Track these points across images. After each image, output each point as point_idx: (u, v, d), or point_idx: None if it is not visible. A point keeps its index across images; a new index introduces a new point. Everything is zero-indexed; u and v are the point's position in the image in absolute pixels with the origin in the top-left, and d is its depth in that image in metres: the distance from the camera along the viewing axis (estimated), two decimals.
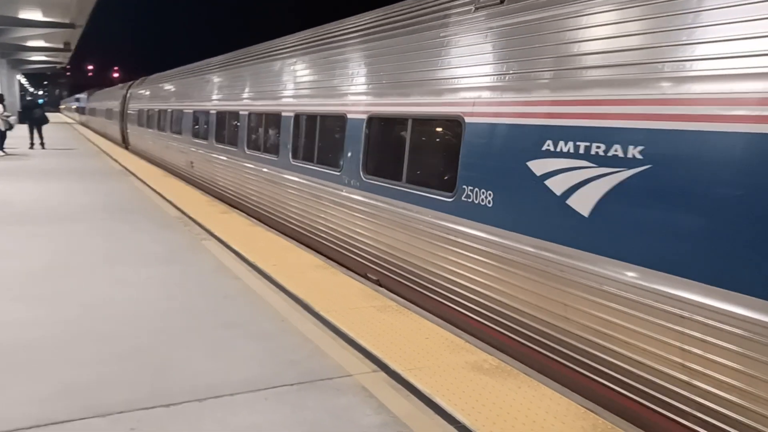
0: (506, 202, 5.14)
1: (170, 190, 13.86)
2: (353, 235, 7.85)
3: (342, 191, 7.99)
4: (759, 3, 3.44)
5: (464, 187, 5.62)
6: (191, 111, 16.80)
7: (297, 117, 9.67)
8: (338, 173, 8.13)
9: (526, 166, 4.85)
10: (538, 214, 4.75)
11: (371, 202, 7.27)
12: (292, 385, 4.14)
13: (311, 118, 9.29)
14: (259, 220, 10.83)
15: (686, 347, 3.69)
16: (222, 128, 13.92)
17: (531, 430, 3.66)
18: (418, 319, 5.64)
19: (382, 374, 4.40)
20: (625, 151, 4.04)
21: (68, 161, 20.58)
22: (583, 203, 4.34)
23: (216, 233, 9.06)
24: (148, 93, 24.62)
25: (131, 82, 30.65)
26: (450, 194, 5.84)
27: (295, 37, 10.87)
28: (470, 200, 5.52)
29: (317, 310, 5.69)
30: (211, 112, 14.69)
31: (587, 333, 4.40)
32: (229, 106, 13.36)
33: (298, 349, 4.80)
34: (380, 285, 6.93)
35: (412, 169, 6.76)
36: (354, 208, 7.67)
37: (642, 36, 4.09)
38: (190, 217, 10.45)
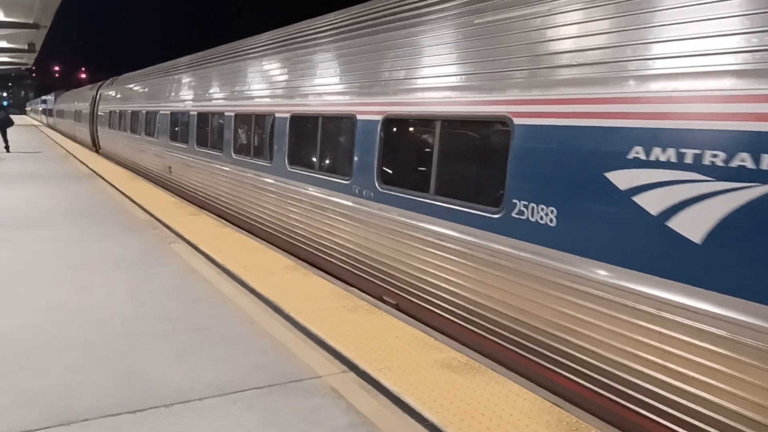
0: (576, 221, 4.26)
1: (138, 193, 13.66)
2: (367, 253, 6.86)
3: (352, 203, 7.07)
4: None
5: (515, 201, 4.78)
6: (168, 112, 15.62)
7: (294, 118, 8.68)
8: (347, 182, 7.12)
9: (605, 177, 4.01)
10: (624, 237, 3.91)
11: (389, 216, 6.35)
12: (261, 388, 4.13)
13: (313, 119, 8.25)
14: (250, 232, 9.87)
15: None
16: (204, 131, 12.81)
17: (498, 425, 3.71)
18: (388, 318, 5.66)
19: (352, 374, 4.41)
20: (757, 162, 3.22)
21: (33, 165, 20.15)
22: (693, 226, 3.52)
23: (185, 236, 8.97)
24: (120, 94, 23.47)
25: (101, 82, 29.29)
26: (495, 209, 4.96)
27: (297, 27, 9.41)
28: (524, 217, 4.67)
29: (287, 312, 5.68)
30: (192, 113, 13.62)
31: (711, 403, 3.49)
32: (212, 107, 12.37)
33: (267, 351, 4.78)
34: (399, 309, 6.06)
35: (441, 180, 5.76)
36: (368, 222, 6.72)
37: None
38: (159, 220, 10.32)
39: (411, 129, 6.57)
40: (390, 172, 6.54)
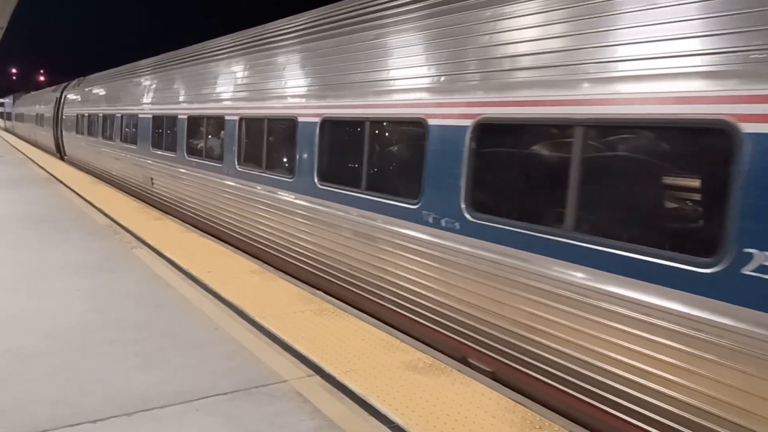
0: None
1: (99, 198, 13.38)
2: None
3: (422, 233, 5.47)
4: None
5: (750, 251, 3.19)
6: (150, 116, 13.79)
7: (324, 123, 7.08)
8: (415, 206, 5.56)
9: None
10: None
11: (483, 253, 4.86)
12: (225, 394, 4.09)
13: (351, 124, 6.81)
14: (261, 259, 8.35)
15: None
16: (198, 137, 11.23)
17: (463, 425, 3.74)
18: (354, 321, 5.66)
19: (318, 378, 4.40)
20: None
21: None
22: None
23: (148, 241, 8.81)
24: (89, 95, 21.45)
25: (66, 83, 27.17)
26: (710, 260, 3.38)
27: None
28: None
29: (252, 317, 5.63)
30: (181, 116, 11.77)
31: None
32: (209, 109, 10.65)
33: (232, 357, 4.73)
34: (495, 379, 4.68)
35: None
36: (454, 263, 5.17)
37: None
38: (121, 225, 10.12)
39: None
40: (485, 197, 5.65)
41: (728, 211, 3.25)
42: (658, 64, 3.63)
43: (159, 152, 13.01)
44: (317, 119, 7.15)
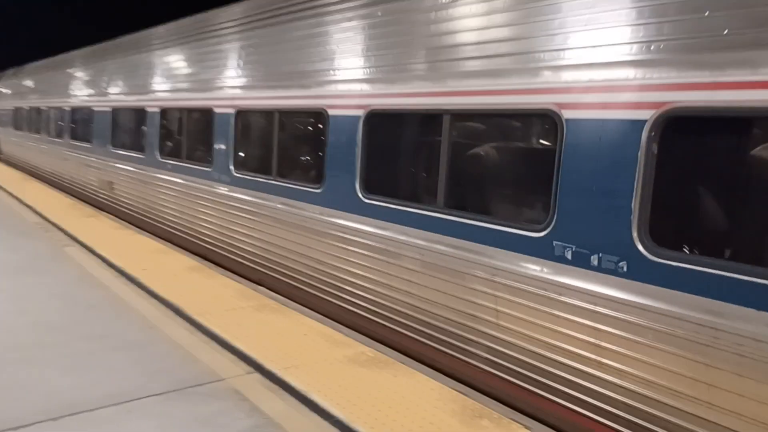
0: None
1: (28, 194, 12.76)
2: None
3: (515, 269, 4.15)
4: None
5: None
6: (109, 109, 11.72)
7: (370, 117, 5.42)
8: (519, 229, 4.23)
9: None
10: None
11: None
12: (158, 395, 3.93)
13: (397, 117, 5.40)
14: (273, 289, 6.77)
15: None
16: (175, 135, 9.45)
17: (405, 417, 3.72)
18: (297, 316, 5.57)
19: (257, 375, 4.29)
20: None
21: None
22: None
23: (80, 239, 8.43)
24: (27, 87, 19.22)
25: None
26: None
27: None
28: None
29: (190, 314, 5.45)
30: (151, 110, 9.81)
31: None
32: (190, 100, 8.73)
33: (167, 357, 4.56)
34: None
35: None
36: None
37: None
38: (52, 223, 9.66)
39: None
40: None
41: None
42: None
43: (122, 152, 11.09)
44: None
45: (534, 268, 3.94)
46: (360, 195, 5.46)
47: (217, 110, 7.80)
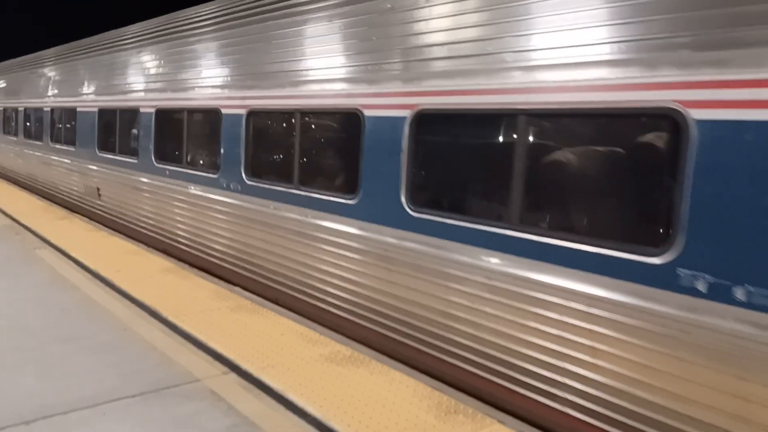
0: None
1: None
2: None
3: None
4: None
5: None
6: (95, 109, 10.90)
7: (420, 117, 4.84)
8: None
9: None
10: None
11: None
12: (134, 396, 3.91)
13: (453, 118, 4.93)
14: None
15: None
16: (176, 138, 8.35)
17: (381, 414, 3.76)
18: (273, 316, 5.57)
19: (233, 375, 4.29)
20: None
21: None
22: None
23: (52, 241, 8.32)
24: (2, 84, 18.12)
25: None
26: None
27: None
28: None
29: (165, 316, 5.42)
30: (145, 110, 8.98)
31: None
32: (190, 100, 8.00)
33: (142, 358, 4.54)
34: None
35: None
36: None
37: None
38: (23, 225, 9.51)
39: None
40: None
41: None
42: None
43: (110, 156, 10.26)
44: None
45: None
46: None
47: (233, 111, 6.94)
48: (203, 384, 4.12)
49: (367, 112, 5.17)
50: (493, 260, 4.16)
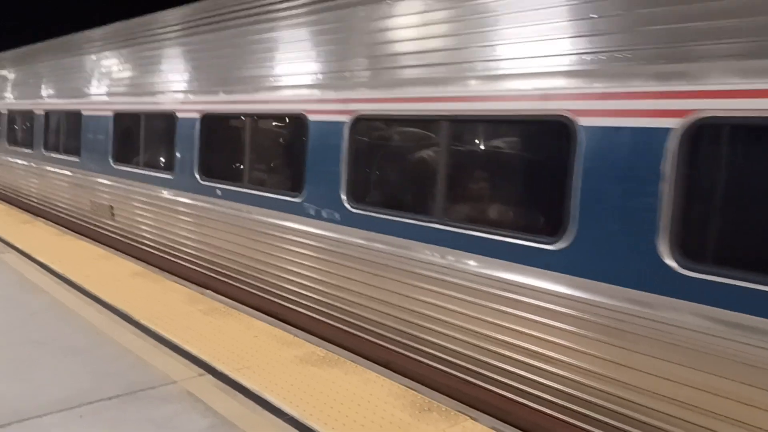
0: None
1: None
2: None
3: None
4: None
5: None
6: (111, 113, 9.16)
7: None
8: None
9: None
10: None
11: None
12: (110, 399, 3.92)
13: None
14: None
15: None
16: (220, 146, 7.27)
17: (356, 413, 3.85)
18: (246, 319, 5.61)
19: (210, 377, 4.33)
20: None
21: None
22: None
23: (17, 245, 8.17)
24: None
25: None
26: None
27: None
28: None
29: (137, 319, 5.41)
30: (184, 116, 7.49)
31: None
32: (225, 103, 6.94)
33: (116, 361, 4.53)
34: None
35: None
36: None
37: None
38: None
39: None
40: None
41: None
42: None
43: (130, 169, 8.71)
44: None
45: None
46: None
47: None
48: (180, 386, 4.15)
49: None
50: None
